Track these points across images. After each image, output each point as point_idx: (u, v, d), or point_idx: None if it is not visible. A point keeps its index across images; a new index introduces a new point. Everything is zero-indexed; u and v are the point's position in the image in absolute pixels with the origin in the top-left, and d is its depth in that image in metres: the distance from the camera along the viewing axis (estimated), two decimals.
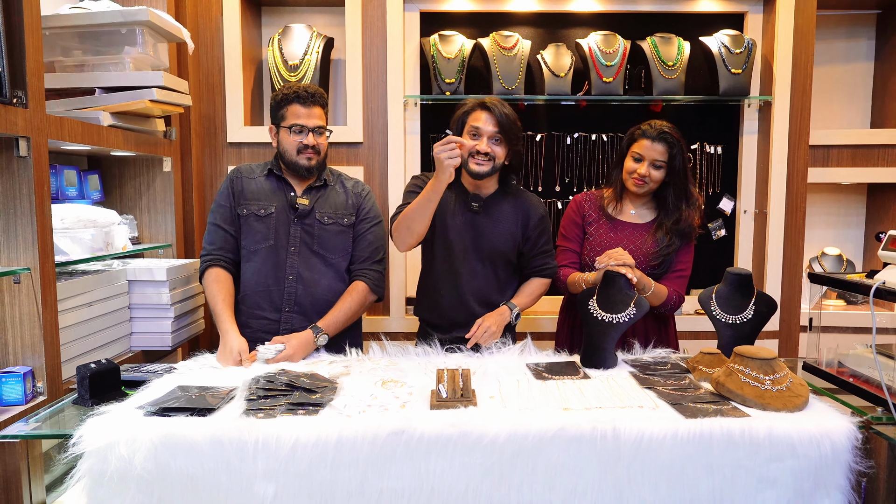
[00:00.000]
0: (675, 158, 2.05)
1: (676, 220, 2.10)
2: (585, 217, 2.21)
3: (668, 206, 2.11)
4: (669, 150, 2.05)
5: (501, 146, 2.04)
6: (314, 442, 1.36)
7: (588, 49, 2.82)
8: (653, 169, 2.06)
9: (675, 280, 2.14)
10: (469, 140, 2.04)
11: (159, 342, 2.23)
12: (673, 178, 2.08)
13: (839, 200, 3.23)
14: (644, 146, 2.06)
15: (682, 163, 2.07)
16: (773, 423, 1.42)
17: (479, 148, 2.01)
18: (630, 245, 2.12)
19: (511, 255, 2.15)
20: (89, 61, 2.16)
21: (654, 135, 2.05)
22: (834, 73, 3.14)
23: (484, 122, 2.01)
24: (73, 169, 2.27)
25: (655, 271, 2.11)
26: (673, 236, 2.11)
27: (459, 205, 2.14)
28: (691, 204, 2.12)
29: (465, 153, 1.95)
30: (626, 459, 1.39)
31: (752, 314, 1.88)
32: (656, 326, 2.18)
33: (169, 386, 1.62)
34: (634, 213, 2.19)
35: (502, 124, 2.00)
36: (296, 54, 2.81)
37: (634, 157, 2.09)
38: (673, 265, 2.14)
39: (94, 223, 1.98)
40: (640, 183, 2.08)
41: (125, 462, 1.33)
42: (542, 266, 2.18)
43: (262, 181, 2.12)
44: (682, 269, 2.15)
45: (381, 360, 1.90)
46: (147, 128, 2.40)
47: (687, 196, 2.11)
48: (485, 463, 1.39)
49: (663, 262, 2.12)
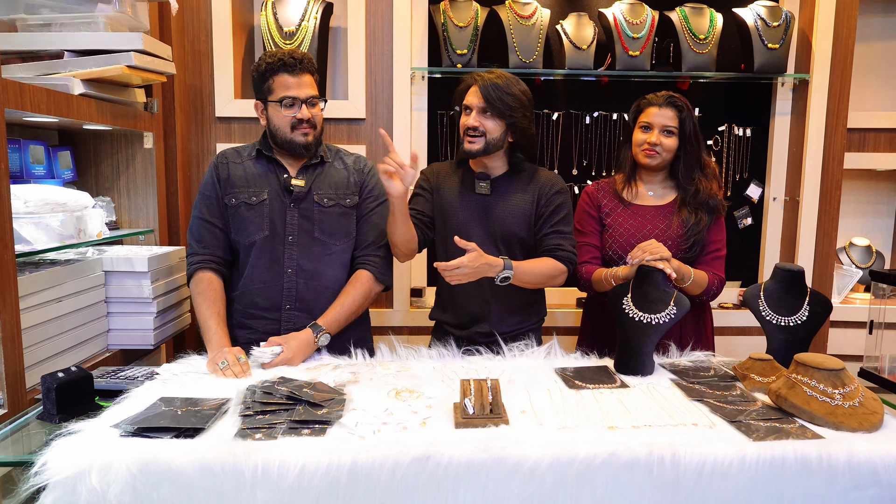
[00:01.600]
0: (686, 123, 1.94)
1: (695, 192, 1.96)
2: (601, 207, 2.05)
3: (684, 179, 1.98)
4: (679, 115, 1.94)
5: (493, 120, 1.88)
6: (324, 470, 1.18)
7: (613, 19, 2.59)
8: (663, 136, 1.94)
9: (713, 262, 1.98)
10: (462, 117, 1.92)
11: (140, 340, 2.01)
12: (684, 145, 1.96)
13: (869, 188, 3.05)
14: (652, 114, 1.95)
15: (693, 129, 1.96)
16: (853, 446, 1.25)
17: (467, 123, 1.90)
18: (655, 230, 1.96)
19: (527, 237, 1.95)
20: (57, 20, 1.90)
21: (661, 101, 1.96)
22: (870, 50, 2.93)
23: (473, 96, 1.89)
24: (41, 144, 2.02)
25: (688, 255, 1.94)
26: (700, 212, 1.96)
27: (466, 188, 1.98)
28: (707, 173, 1.99)
29: (404, 173, 1.74)
30: (685, 490, 1.22)
31: (807, 316, 1.69)
32: (693, 325, 2.00)
33: (150, 397, 1.42)
34: (652, 193, 2.04)
35: (488, 97, 1.86)
36: (291, 20, 2.56)
37: (643, 127, 1.97)
38: (705, 245, 1.97)
39: (63, 207, 1.74)
40: (652, 153, 1.95)
41: (97, 495, 1.14)
42: (554, 247, 1.91)
43: (250, 165, 1.91)
44: (718, 249, 1.99)
45: (392, 365, 1.70)
46: (125, 98, 2.14)
47: (701, 165, 1.98)
48: (522, 493, 1.20)
49: (695, 244, 1.95)
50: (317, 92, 1.87)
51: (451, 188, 2.00)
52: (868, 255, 2.99)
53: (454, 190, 2.00)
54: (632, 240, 1.95)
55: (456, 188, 2.00)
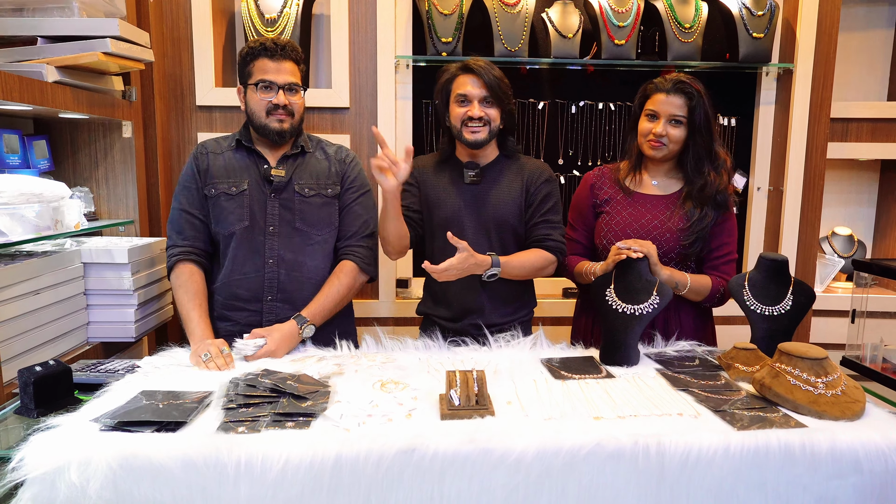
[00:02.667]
0: (696, 111, 1.79)
1: (702, 186, 1.84)
2: (598, 196, 1.98)
3: (692, 172, 1.85)
4: (689, 103, 1.79)
5: (494, 108, 1.89)
6: (308, 463, 1.16)
7: (598, 7, 2.57)
8: (671, 127, 1.81)
9: (723, 266, 1.90)
10: (458, 108, 1.89)
11: (121, 333, 1.97)
12: (693, 135, 1.82)
13: (851, 177, 3.08)
14: (659, 101, 1.82)
15: (705, 117, 1.80)
16: (835, 434, 1.26)
17: (472, 113, 1.86)
18: (653, 221, 1.89)
19: (517, 225, 1.96)
20: (30, 4, 1.84)
21: (669, 87, 1.80)
22: (854, 40, 2.95)
23: (471, 86, 1.87)
24: (15, 133, 1.97)
25: (687, 250, 1.87)
26: (705, 207, 1.84)
27: (456, 178, 1.97)
28: (717, 166, 1.84)
29: (396, 169, 1.74)
30: (670, 479, 1.22)
31: (791, 305, 1.70)
32: (693, 319, 1.95)
33: (131, 391, 1.40)
34: (656, 183, 1.93)
35: (491, 85, 1.86)
36: (273, 7, 2.51)
37: (649, 115, 1.84)
38: (717, 247, 1.90)
39: (39, 197, 1.70)
40: (658, 145, 1.83)
41: (77, 491, 1.12)
42: (543, 238, 1.93)
43: (229, 155, 1.88)
44: (729, 252, 1.90)
45: (378, 357, 1.69)
46: (102, 86, 2.09)
47: (711, 156, 1.84)
48: (508, 484, 1.20)
49: (697, 240, 1.85)
50: (298, 80, 1.84)
51: (438, 180, 1.99)
52: (850, 245, 3.02)
53: (442, 181, 1.98)
54: (628, 229, 1.89)
55: (444, 179, 1.99)
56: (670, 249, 1.88)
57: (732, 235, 1.92)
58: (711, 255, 1.91)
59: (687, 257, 1.90)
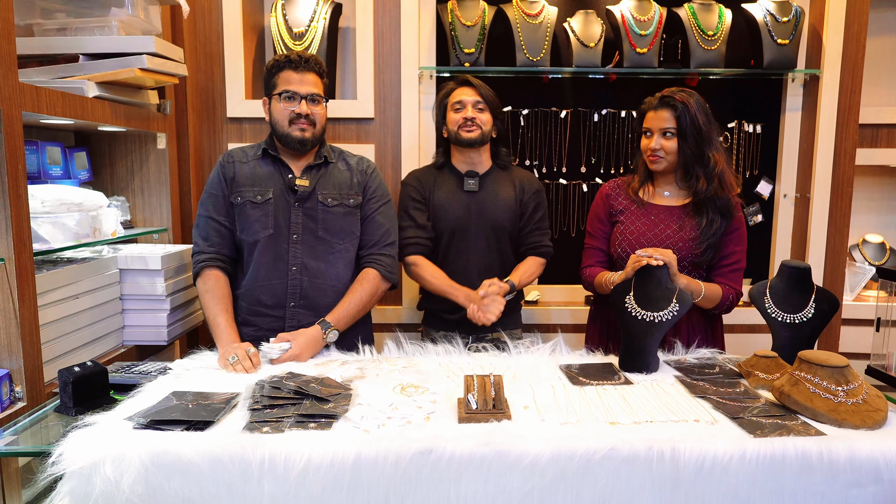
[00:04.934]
0: (682, 121, 1.86)
1: (696, 192, 1.89)
2: (613, 206, 2.03)
3: (685, 179, 1.92)
4: (674, 113, 1.86)
5: (486, 113, 2.13)
6: (329, 462, 1.20)
7: (620, 16, 2.58)
8: (664, 140, 1.89)
9: (730, 274, 1.93)
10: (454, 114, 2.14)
11: (154, 336, 2.05)
12: (682, 143, 1.87)
13: (882, 184, 3.02)
14: (650, 118, 1.92)
15: (694, 125, 1.85)
16: (855, 443, 1.24)
17: (466, 115, 2.09)
18: (666, 230, 1.92)
19: (512, 229, 2.20)
20: (72, 24, 1.95)
21: (656, 103, 1.91)
22: (883, 45, 2.90)
23: (466, 94, 2.12)
24: (58, 146, 2.07)
25: (701, 259, 1.90)
26: (710, 213, 1.88)
27: (457, 186, 2.19)
28: (709, 172, 1.86)
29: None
30: (685, 485, 1.22)
31: (813, 313, 1.68)
32: (703, 325, 1.98)
33: (162, 391, 1.46)
34: (668, 194, 1.98)
35: (483, 94, 2.12)
36: (301, 21, 2.59)
37: (645, 133, 1.95)
38: (726, 256, 1.92)
39: (79, 206, 1.79)
40: (655, 158, 1.91)
41: (111, 485, 1.17)
42: (536, 244, 2.21)
43: (255, 164, 1.94)
44: (737, 261, 1.93)
45: (399, 361, 1.72)
46: (138, 100, 2.19)
47: (702, 162, 1.86)
48: (523, 487, 1.22)
49: (708, 248, 1.88)
50: (321, 91, 1.90)
51: (441, 189, 2.19)
52: (882, 252, 2.95)
53: (445, 190, 2.18)
54: (642, 238, 1.93)
55: (446, 188, 2.19)
56: (683, 258, 1.90)
57: (742, 244, 1.95)
58: (720, 264, 1.94)
59: (699, 265, 1.92)
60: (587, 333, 2.14)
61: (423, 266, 2.15)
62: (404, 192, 2.21)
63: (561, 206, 2.84)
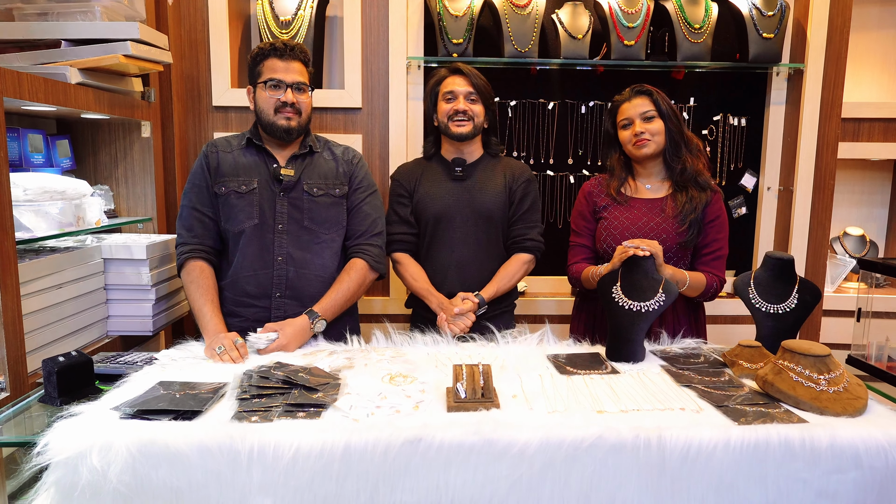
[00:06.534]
0: (659, 104, 1.95)
1: (682, 170, 1.95)
2: (597, 203, 2.05)
3: (671, 158, 1.97)
4: (650, 98, 1.96)
5: (478, 104, 2.06)
6: (318, 451, 1.20)
7: (608, 8, 2.59)
8: (647, 123, 1.94)
9: (713, 262, 1.97)
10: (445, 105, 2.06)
11: (139, 326, 2.03)
12: (666, 123, 1.95)
13: (864, 178, 3.07)
14: (626, 109, 1.97)
15: (669, 107, 1.97)
16: (836, 430, 1.27)
17: (458, 107, 2.02)
18: (650, 223, 1.95)
19: (502, 219, 2.12)
20: (53, 9, 1.91)
21: (629, 94, 1.99)
22: (865, 40, 2.94)
23: (458, 84, 2.04)
24: (39, 133, 2.04)
25: (685, 238, 1.93)
26: (691, 189, 1.95)
27: (444, 175, 2.11)
28: (692, 148, 1.98)
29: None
30: (671, 471, 1.24)
31: (796, 303, 1.71)
32: (686, 313, 2.01)
33: (149, 381, 1.45)
34: (649, 187, 2.02)
35: (476, 84, 2.04)
36: (287, 9, 2.56)
37: (624, 125, 1.99)
38: (708, 244, 1.97)
39: (62, 195, 1.76)
40: (643, 141, 1.94)
41: (98, 474, 1.16)
42: (522, 237, 2.12)
43: (239, 154, 1.92)
44: (718, 249, 1.97)
45: (387, 351, 1.73)
46: (122, 87, 2.15)
47: (685, 140, 1.97)
48: (511, 475, 1.23)
49: (691, 225, 1.93)
50: (306, 80, 1.89)
51: (427, 178, 2.12)
52: (862, 245, 3.01)
53: (431, 179, 2.11)
54: (626, 233, 1.95)
55: (433, 177, 2.12)
56: (668, 248, 1.92)
57: (723, 232, 1.99)
58: (702, 252, 1.98)
59: (685, 246, 1.95)
60: (572, 325, 2.16)
61: (406, 265, 2.11)
62: (391, 188, 2.18)
63: (548, 198, 2.85)
